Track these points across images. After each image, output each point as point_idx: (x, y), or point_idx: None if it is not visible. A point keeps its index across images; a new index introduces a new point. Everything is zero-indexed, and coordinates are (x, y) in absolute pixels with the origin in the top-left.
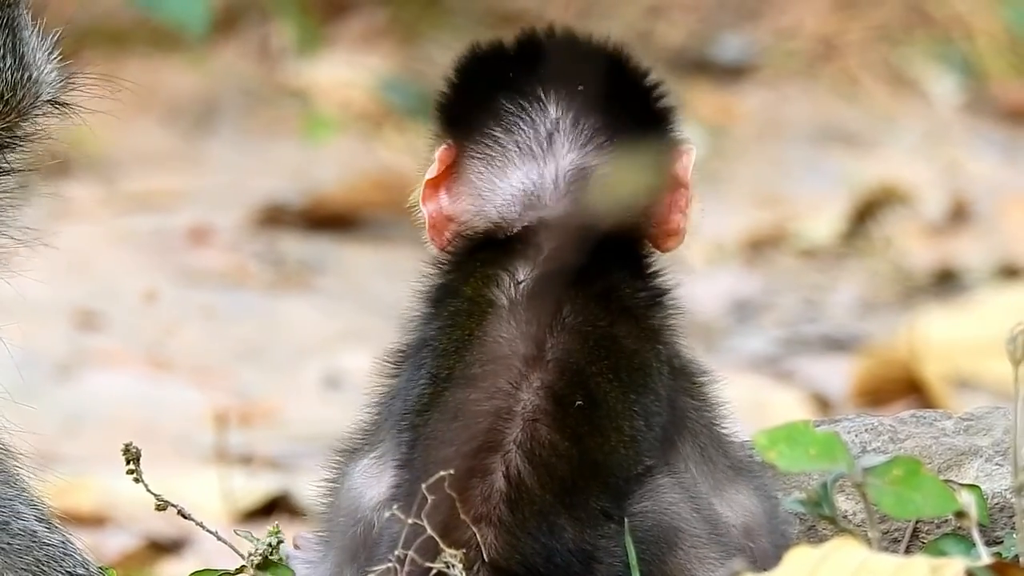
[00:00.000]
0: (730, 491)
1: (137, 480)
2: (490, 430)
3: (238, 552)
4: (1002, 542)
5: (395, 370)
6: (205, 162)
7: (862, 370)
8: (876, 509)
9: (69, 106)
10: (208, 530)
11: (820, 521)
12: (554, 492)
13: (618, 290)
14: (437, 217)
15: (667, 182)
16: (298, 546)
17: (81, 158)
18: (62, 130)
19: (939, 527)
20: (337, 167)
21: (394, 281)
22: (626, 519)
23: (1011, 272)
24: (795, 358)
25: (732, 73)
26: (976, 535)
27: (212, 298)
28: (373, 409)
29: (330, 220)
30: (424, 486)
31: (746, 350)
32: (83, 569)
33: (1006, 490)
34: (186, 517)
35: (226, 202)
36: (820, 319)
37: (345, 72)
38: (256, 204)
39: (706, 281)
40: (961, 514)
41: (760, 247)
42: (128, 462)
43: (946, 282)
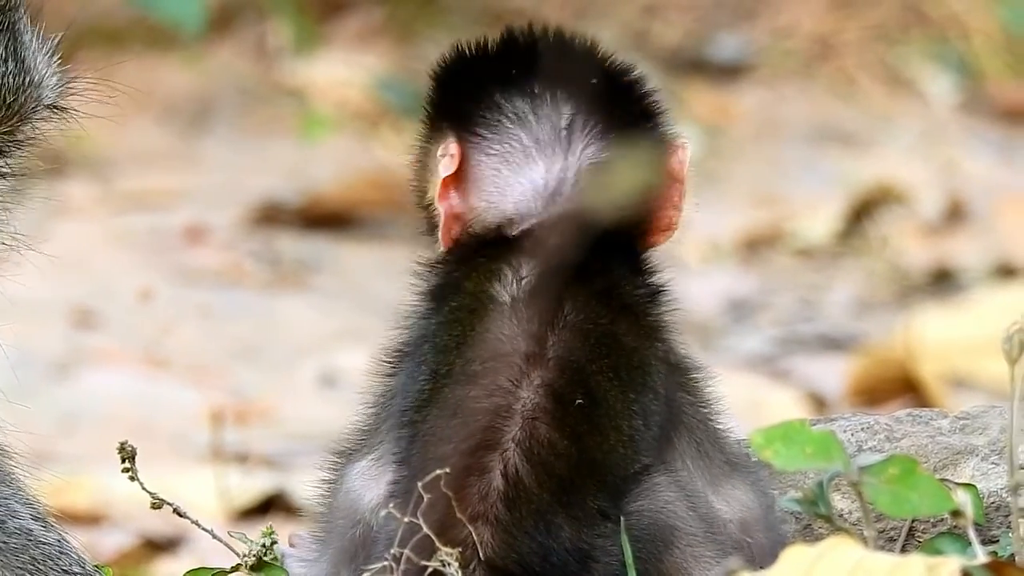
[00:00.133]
0: (726, 486)
1: (133, 478)
2: (489, 428)
3: (234, 551)
4: (998, 541)
5: (393, 369)
6: (201, 161)
7: (858, 369)
8: (872, 508)
9: (69, 111)
10: (204, 528)
11: (816, 520)
12: (552, 491)
13: (618, 287)
14: (452, 214)
15: (664, 177)
16: (294, 545)
17: (77, 157)
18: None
19: (935, 526)
20: (333, 166)
21: (391, 280)
22: (622, 518)
23: (1007, 271)
24: (791, 357)
25: (729, 73)
26: (972, 534)
27: (208, 297)
28: (371, 409)
29: (326, 219)
30: (420, 484)
31: (742, 349)
32: (79, 567)
33: (1002, 489)
34: (182, 515)
35: (222, 201)
36: (816, 318)
37: (341, 71)
38: (252, 203)
39: (702, 280)
40: (957, 513)
41: (756, 246)
42: (124, 460)
43: (942, 281)
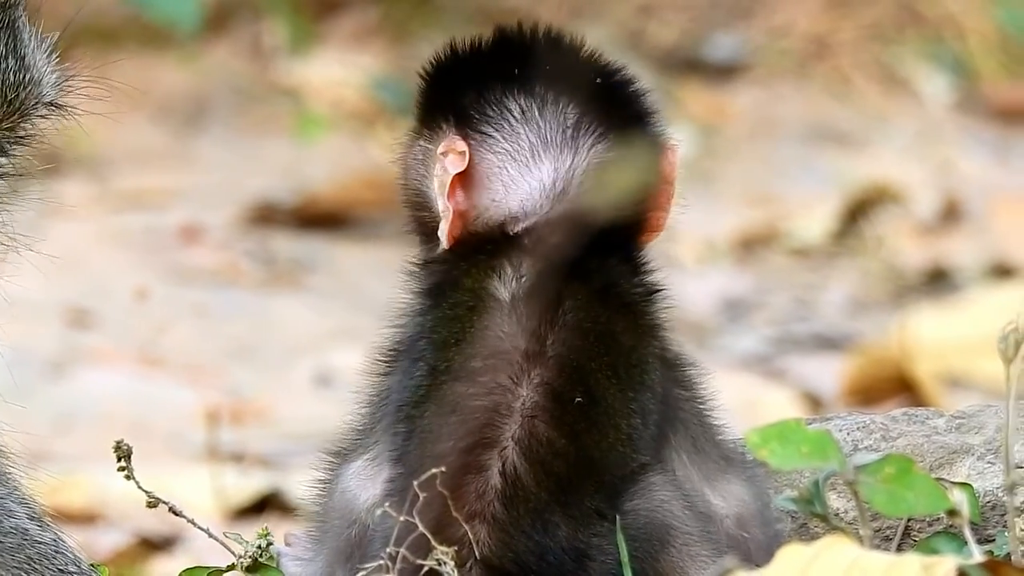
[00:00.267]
0: (722, 481)
1: (128, 477)
2: (488, 425)
3: (229, 550)
4: (994, 540)
5: (388, 368)
6: (197, 160)
7: (854, 369)
8: (868, 507)
9: (67, 108)
10: (199, 527)
11: (812, 519)
12: (550, 490)
13: (616, 286)
14: (458, 211)
15: (658, 177)
16: (289, 544)
17: (73, 156)
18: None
19: (931, 525)
20: (329, 166)
21: (386, 279)
22: (618, 517)
23: (1002, 271)
24: (787, 357)
25: (724, 72)
26: (968, 533)
27: (204, 296)
28: (366, 409)
29: (322, 219)
30: (417, 482)
31: (738, 349)
32: (74, 567)
33: (998, 488)
34: (177, 514)
35: (218, 200)
36: (812, 318)
37: (337, 71)
38: (248, 202)
39: (698, 280)
40: (953, 512)
41: (752, 246)
42: (120, 459)
43: (938, 281)
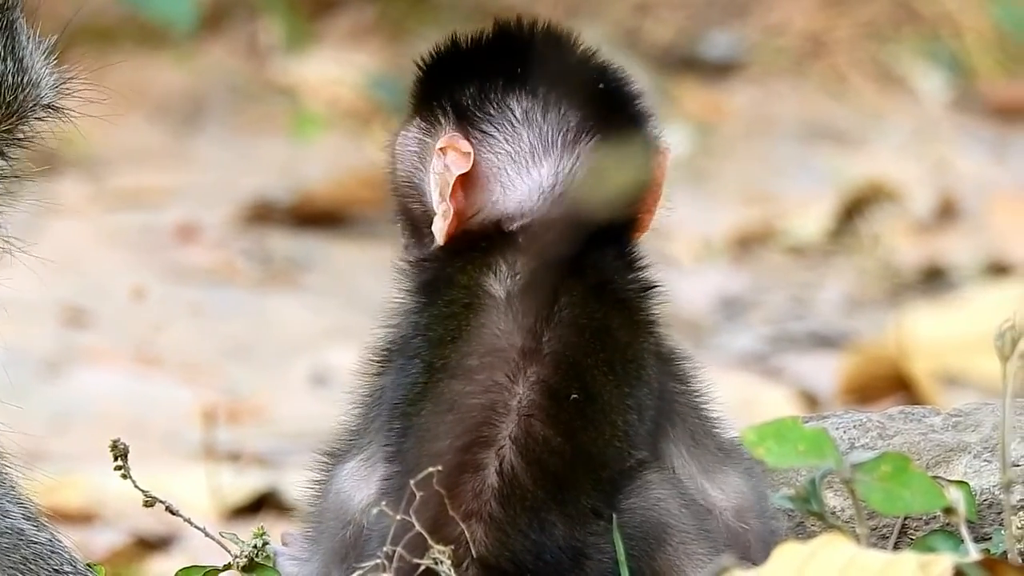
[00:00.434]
0: (721, 473)
1: (125, 477)
2: (485, 424)
3: (226, 549)
4: (990, 538)
5: (382, 367)
6: (193, 159)
7: (850, 367)
8: (864, 505)
9: (65, 111)
10: (196, 526)
11: (808, 517)
12: (546, 488)
13: (611, 282)
14: (457, 210)
15: (649, 180)
16: (286, 543)
17: (69, 156)
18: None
19: (927, 523)
20: (325, 164)
21: (382, 278)
22: (615, 516)
23: (999, 269)
24: (783, 355)
25: (720, 70)
26: (964, 531)
27: (200, 295)
28: (359, 409)
29: (318, 217)
30: (413, 481)
31: (734, 347)
32: (70, 567)
33: (994, 486)
34: (174, 513)
35: (214, 199)
36: (808, 316)
37: (333, 69)
38: (244, 201)
39: (694, 278)
40: (949, 510)
41: (748, 244)
42: (116, 459)
43: (934, 279)
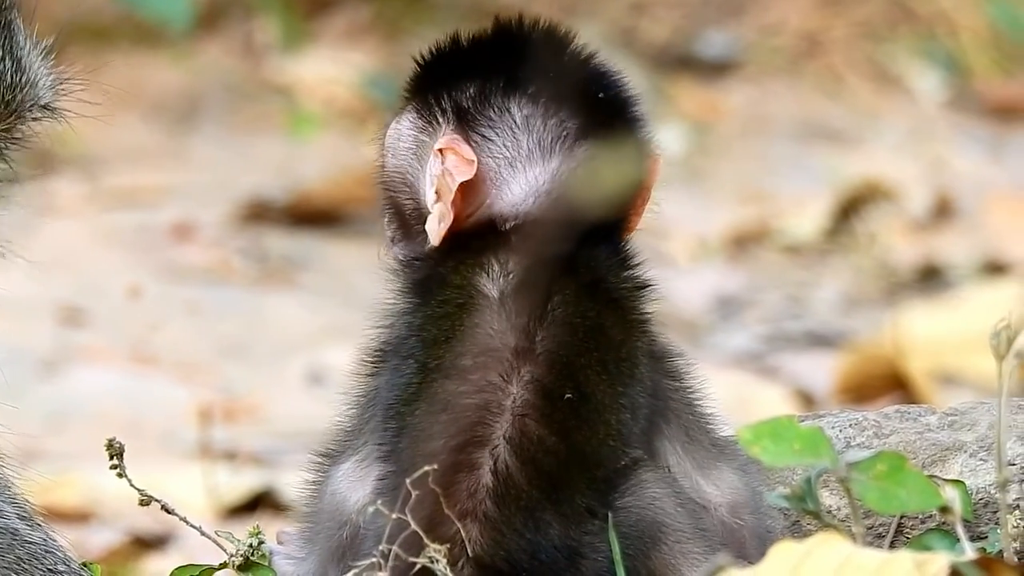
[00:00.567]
0: (715, 469)
1: (121, 476)
2: (479, 424)
3: (222, 548)
4: (986, 537)
5: (375, 368)
6: (189, 158)
7: (846, 366)
8: (860, 504)
9: (63, 111)
10: (192, 525)
11: (804, 516)
12: (541, 488)
13: (604, 280)
14: (456, 212)
15: (640, 185)
16: (282, 542)
17: (65, 155)
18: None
19: (923, 522)
20: (321, 163)
21: (378, 277)
22: (610, 514)
23: (995, 268)
24: (779, 354)
25: (716, 69)
26: (960, 530)
27: (196, 294)
28: (354, 410)
29: (314, 216)
30: (409, 481)
31: (730, 346)
32: (64, 566)
33: (990, 485)
34: (170, 512)
35: (210, 198)
36: (804, 315)
37: (329, 68)
38: (240, 200)
39: (690, 277)
40: (945, 509)
41: (744, 243)
42: (112, 458)
43: (930, 278)
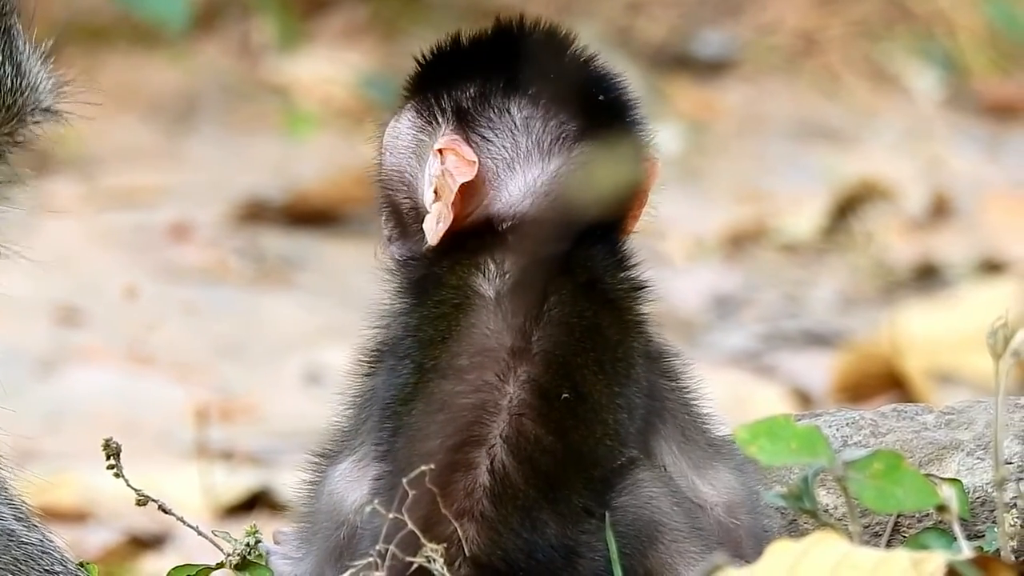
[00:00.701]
0: (712, 469)
1: (118, 476)
2: (475, 423)
3: (219, 548)
4: (983, 536)
5: (372, 368)
6: (186, 158)
7: (843, 365)
8: (857, 503)
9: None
10: (189, 525)
11: (801, 515)
12: (538, 487)
13: (601, 280)
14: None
15: (637, 187)
16: (278, 541)
17: (62, 155)
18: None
19: (920, 521)
20: (318, 163)
21: (374, 277)
22: (607, 514)
23: (992, 267)
24: (776, 353)
25: (713, 69)
26: (957, 529)
27: (193, 294)
28: (351, 410)
29: (311, 216)
30: (406, 480)
31: (727, 345)
32: (61, 567)
33: (987, 484)
34: (167, 512)
35: (207, 198)
36: (801, 314)
37: (326, 68)
38: (237, 200)
39: (687, 276)
40: (942, 508)
41: (741, 242)
42: (109, 457)
43: (927, 277)
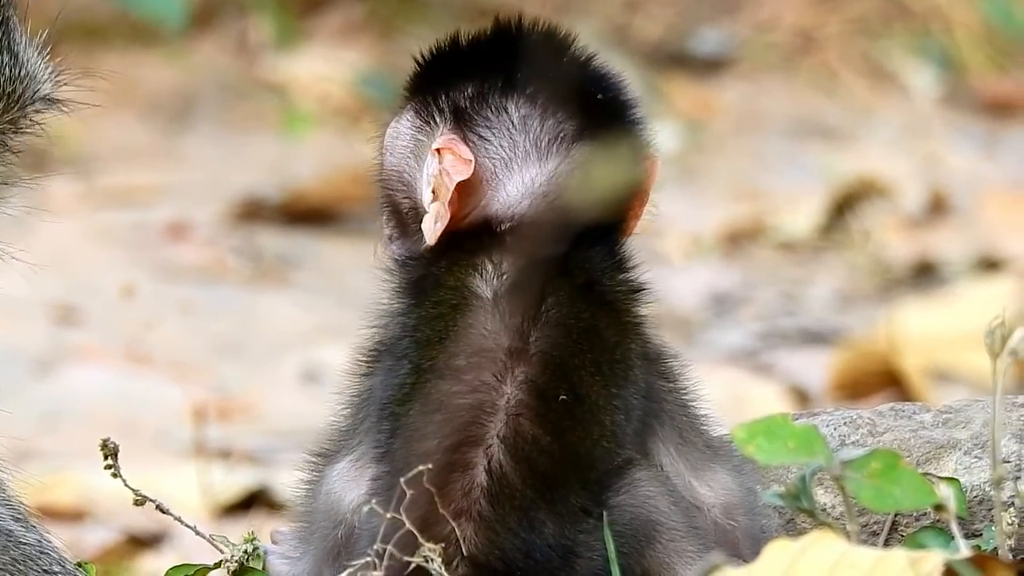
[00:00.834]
0: (709, 471)
1: (115, 475)
2: (473, 424)
3: (219, 549)
4: (981, 535)
5: (370, 368)
6: (183, 157)
7: (841, 363)
8: (855, 502)
9: (61, 103)
10: (186, 525)
11: (799, 514)
12: (535, 487)
13: (599, 282)
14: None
15: (638, 186)
16: (276, 541)
17: (59, 154)
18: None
19: (918, 520)
20: (315, 162)
21: (372, 275)
22: (605, 513)
23: (989, 265)
24: (774, 351)
25: (710, 66)
26: (955, 528)
27: (190, 293)
28: (349, 410)
29: (308, 215)
30: (403, 480)
31: (724, 344)
32: (59, 567)
33: (985, 483)
34: (164, 512)
35: (204, 197)
36: (798, 312)
37: (323, 67)
38: (234, 199)
39: (684, 275)
40: (940, 507)
41: (738, 240)
42: (106, 457)
43: (924, 275)
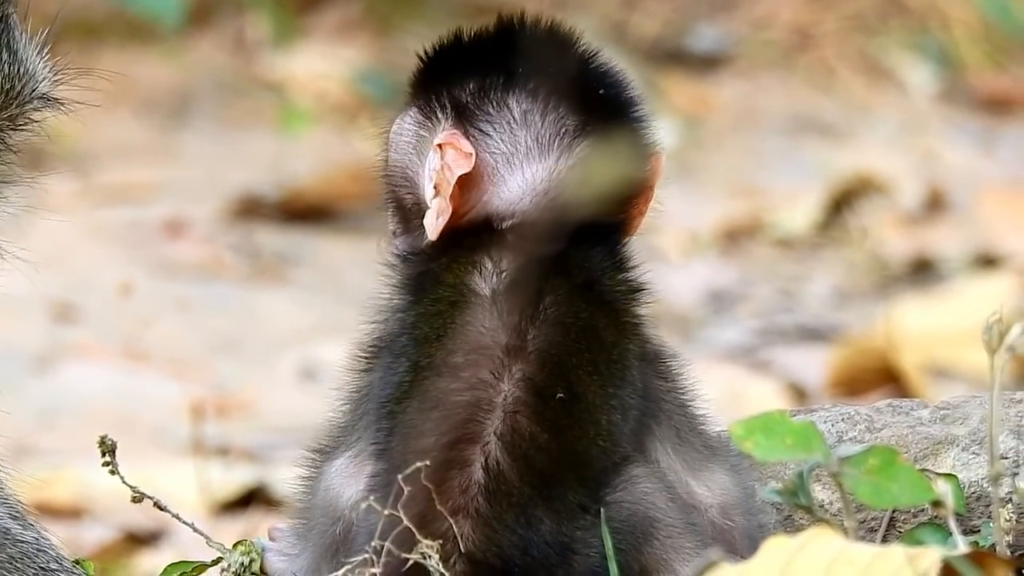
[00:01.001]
0: (706, 470)
1: (113, 472)
2: (470, 421)
3: (218, 549)
4: (979, 531)
5: (368, 364)
6: (180, 154)
7: (838, 360)
8: (853, 499)
9: (60, 101)
10: (184, 522)
11: (796, 511)
12: (532, 484)
13: (598, 281)
14: (455, 208)
15: (642, 183)
16: (273, 538)
17: (57, 151)
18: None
19: (916, 516)
20: (313, 159)
21: (370, 273)
22: (602, 510)
23: (987, 261)
24: (771, 348)
25: (708, 63)
26: (953, 524)
27: (188, 290)
28: (347, 406)
29: (306, 212)
30: (401, 477)
31: (722, 340)
32: (56, 564)
33: (983, 479)
34: (162, 509)
35: (202, 194)
36: (796, 309)
37: (320, 64)
38: (232, 196)
39: (682, 272)
40: (938, 503)
41: (736, 237)
42: (104, 454)
43: (922, 272)
